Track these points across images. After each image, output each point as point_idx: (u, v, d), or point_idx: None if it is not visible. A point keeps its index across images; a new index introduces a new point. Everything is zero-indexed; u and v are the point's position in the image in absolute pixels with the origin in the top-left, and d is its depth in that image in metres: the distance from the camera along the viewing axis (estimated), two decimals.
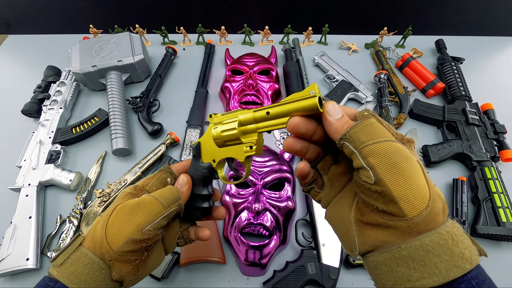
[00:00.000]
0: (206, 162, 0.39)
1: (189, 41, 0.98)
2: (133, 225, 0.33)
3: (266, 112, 0.31)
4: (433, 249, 0.23)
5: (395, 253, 0.24)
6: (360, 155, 0.25)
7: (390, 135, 0.26)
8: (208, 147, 0.38)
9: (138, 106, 0.78)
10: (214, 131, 0.37)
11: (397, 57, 0.91)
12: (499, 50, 0.98)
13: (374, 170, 0.24)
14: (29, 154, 0.69)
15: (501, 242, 0.61)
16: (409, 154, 0.25)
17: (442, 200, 0.25)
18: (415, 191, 0.23)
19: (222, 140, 0.37)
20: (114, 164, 0.72)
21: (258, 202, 0.55)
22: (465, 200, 0.63)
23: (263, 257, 0.53)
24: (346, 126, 0.27)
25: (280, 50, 0.93)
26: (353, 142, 0.26)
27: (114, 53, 0.80)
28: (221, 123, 0.37)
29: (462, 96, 0.78)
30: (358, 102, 0.83)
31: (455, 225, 0.24)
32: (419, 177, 0.24)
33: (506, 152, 0.69)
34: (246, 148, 0.34)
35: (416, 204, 0.23)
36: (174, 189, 0.37)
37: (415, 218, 0.23)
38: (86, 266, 0.32)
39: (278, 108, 0.30)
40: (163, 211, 0.34)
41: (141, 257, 0.34)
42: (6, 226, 0.59)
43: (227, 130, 0.36)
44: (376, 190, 0.24)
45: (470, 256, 0.22)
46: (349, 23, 1.16)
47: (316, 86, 0.28)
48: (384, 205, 0.24)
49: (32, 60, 0.94)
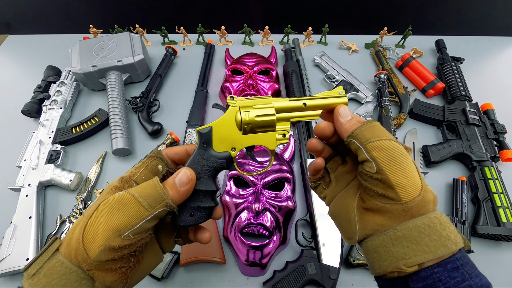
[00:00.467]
0: (221, 150, 0.34)
1: (189, 41, 0.98)
2: (110, 230, 0.27)
3: (303, 103, 0.34)
4: (424, 230, 0.26)
5: (392, 234, 0.28)
6: (365, 150, 0.30)
7: (391, 136, 0.31)
8: (226, 133, 0.34)
9: (138, 106, 0.78)
10: (245, 115, 0.33)
11: (397, 57, 0.91)
12: (499, 50, 0.98)
13: (376, 161, 0.29)
14: (29, 154, 0.69)
15: (501, 242, 0.61)
16: (406, 153, 0.30)
17: (433, 193, 0.29)
18: (410, 180, 0.28)
19: (255, 125, 0.34)
20: (114, 164, 0.72)
21: (258, 202, 0.55)
22: (465, 200, 0.63)
23: (263, 257, 0.53)
24: (355, 127, 0.31)
25: (280, 50, 0.93)
26: (359, 139, 0.30)
27: (114, 53, 0.80)
28: (252, 107, 0.34)
29: (462, 96, 0.78)
30: (358, 102, 0.83)
31: (443, 215, 0.28)
32: (414, 170, 0.29)
33: (506, 152, 0.69)
34: (279, 136, 0.34)
35: (410, 191, 0.27)
36: (158, 184, 0.30)
37: (409, 202, 0.27)
38: (62, 277, 0.27)
39: (314, 101, 0.35)
40: (144, 213, 0.28)
41: (128, 264, 0.29)
42: (6, 226, 0.59)
43: (264, 116, 0.33)
44: (377, 178, 0.28)
45: (455, 239, 0.26)
46: (349, 23, 1.16)
47: (342, 88, 0.35)
48: (383, 190, 0.28)
49: (32, 60, 0.94)
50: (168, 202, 0.29)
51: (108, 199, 0.29)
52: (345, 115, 0.33)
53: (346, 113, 0.33)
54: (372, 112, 0.78)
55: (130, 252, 0.29)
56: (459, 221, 0.59)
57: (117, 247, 0.27)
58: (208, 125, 0.34)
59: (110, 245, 0.27)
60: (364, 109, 0.79)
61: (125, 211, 0.28)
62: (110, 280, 0.28)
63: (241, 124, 0.33)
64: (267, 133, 0.34)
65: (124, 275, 0.29)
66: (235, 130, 0.34)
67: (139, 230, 0.28)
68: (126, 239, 0.28)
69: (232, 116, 0.34)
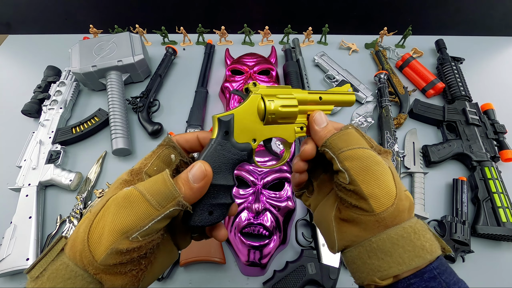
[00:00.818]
0: (242, 141, 0.31)
1: (189, 41, 0.98)
2: (116, 231, 0.24)
3: (319, 96, 0.35)
4: (397, 241, 0.26)
5: (367, 246, 0.27)
6: (338, 160, 0.29)
7: (365, 143, 0.31)
8: (247, 122, 0.31)
9: (138, 106, 0.78)
10: (269, 104, 0.31)
11: (397, 57, 0.91)
12: (499, 50, 0.98)
13: (349, 172, 0.28)
14: (29, 154, 0.69)
15: (501, 242, 0.61)
16: (381, 160, 0.29)
17: (409, 200, 0.29)
18: (383, 190, 0.27)
19: (279, 116, 0.32)
20: (114, 164, 0.72)
21: (258, 202, 0.55)
22: (465, 200, 0.63)
23: (263, 257, 0.53)
24: (329, 134, 0.31)
25: (280, 50, 0.93)
26: (332, 149, 0.30)
27: (114, 53, 0.80)
28: (275, 97, 0.32)
29: (462, 96, 0.78)
30: (358, 102, 0.83)
31: (419, 222, 0.28)
32: (387, 179, 0.28)
33: (506, 152, 0.69)
34: (297, 129, 0.34)
35: (383, 201, 0.27)
36: (168, 180, 0.26)
37: (382, 213, 0.27)
38: (67, 281, 0.24)
39: (328, 96, 0.35)
40: (153, 213, 0.25)
41: (139, 267, 0.26)
42: (6, 226, 0.59)
43: (288, 106, 0.32)
44: (350, 189, 0.28)
45: (430, 248, 0.26)
46: (349, 23, 1.16)
47: (350, 85, 0.37)
48: (356, 201, 0.28)
49: (32, 60, 0.94)
50: (180, 201, 0.26)
51: (115, 195, 0.26)
52: (320, 121, 0.33)
53: (322, 119, 0.33)
54: (372, 112, 0.78)
55: (140, 255, 0.26)
56: (459, 221, 0.59)
57: (124, 250, 0.24)
58: (230, 112, 0.30)
59: (117, 248, 0.24)
60: (364, 109, 0.79)
61: (132, 210, 0.25)
62: (120, 283, 0.25)
63: (264, 113, 0.31)
64: (287, 125, 0.33)
65: (135, 278, 0.26)
66: (257, 119, 0.31)
67: (149, 231, 0.25)
68: (134, 241, 0.24)
69: (254, 104, 0.31)
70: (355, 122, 0.76)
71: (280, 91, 0.33)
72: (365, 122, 0.76)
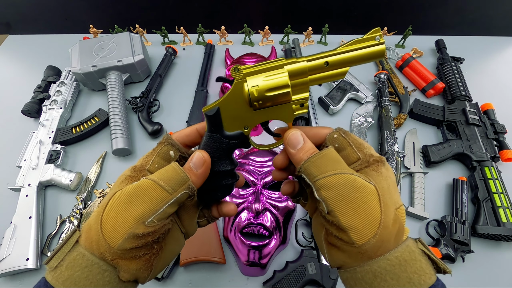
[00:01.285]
0: (233, 131, 0.30)
1: (189, 41, 0.98)
2: (132, 218, 0.27)
3: (324, 62, 0.28)
4: (380, 274, 0.25)
5: (353, 274, 0.27)
6: (314, 188, 0.27)
7: (343, 166, 0.28)
8: (235, 111, 0.30)
9: (138, 106, 0.78)
10: (253, 90, 0.29)
11: (397, 57, 0.91)
12: (499, 50, 0.98)
13: (326, 202, 0.26)
14: (29, 154, 0.69)
15: (501, 242, 0.61)
16: (361, 184, 0.26)
17: (398, 224, 0.27)
18: (363, 220, 0.25)
19: (267, 101, 0.29)
20: (114, 164, 0.72)
21: (258, 202, 0.55)
22: (465, 200, 0.63)
23: (263, 257, 0.53)
24: (305, 157, 0.28)
25: (280, 50, 0.93)
26: (308, 175, 0.28)
27: (114, 53, 0.80)
28: (261, 79, 0.29)
29: (462, 96, 0.78)
30: (358, 102, 0.83)
31: (409, 249, 0.26)
32: (370, 206, 0.26)
33: (506, 152, 0.69)
34: (296, 107, 0.30)
35: (364, 232, 0.25)
36: (178, 167, 0.29)
37: (364, 245, 0.25)
38: (84, 270, 0.27)
39: (339, 56, 0.28)
40: (167, 197, 0.28)
41: (151, 251, 0.29)
42: (6, 226, 0.59)
43: (276, 89, 0.28)
44: (329, 220, 0.27)
45: (418, 281, 0.24)
46: (349, 23, 1.16)
47: (379, 30, 0.28)
48: (337, 232, 0.27)
49: (32, 60, 0.94)
50: (190, 184, 0.29)
51: (123, 189, 0.29)
52: (294, 143, 0.30)
53: (297, 140, 0.30)
54: (372, 112, 0.78)
55: (154, 239, 0.28)
56: (459, 221, 0.59)
57: (141, 235, 0.27)
58: (214, 104, 0.30)
59: (134, 232, 0.26)
60: (364, 109, 0.79)
61: (146, 197, 0.28)
62: (135, 267, 0.28)
63: (249, 101, 0.29)
64: (282, 105, 0.30)
65: (148, 262, 0.29)
66: (245, 106, 0.30)
67: (162, 215, 0.28)
68: (150, 226, 0.27)
69: (240, 90, 0.29)
70: (355, 122, 0.76)
71: (267, 70, 0.29)
72: (365, 122, 0.76)
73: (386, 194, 0.27)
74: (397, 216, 0.27)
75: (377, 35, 0.28)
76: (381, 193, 0.27)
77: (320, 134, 0.31)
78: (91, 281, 0.26)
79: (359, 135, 0.73)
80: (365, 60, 0.29)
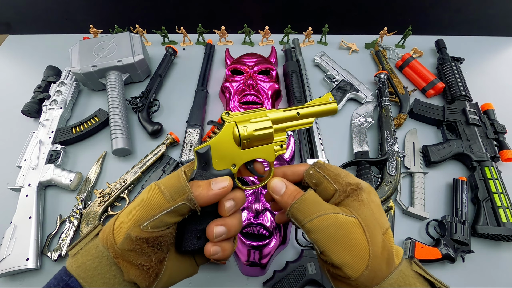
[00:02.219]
0: (221, 168, 0.33)
1: (189, 41, 0.98)
2: (132, 219, 0.28)
3: (296, 112, 0.35)
4: None
5: None
6: (304, 231, 0.29)
7: (323, 207, 0.29)
8: (225, 150, 0.33)
9: (138, 106, 0.78)
10: (243, 130, 0.33)
11: (397, 57, 0.91)
12: (499, 50, 0.98)
13: (317, 244, 0.28)
14: (29, 154, 0.69)
15: (501, 242, 0.61)
16: (343, 221, 0.28)
17: (387, 251, 0.28)
18: (353, 255, 0.27)
19: (254, 140, 0.33)
20: (114, 164, 0.72)
21: (258, 202, 0.55)
22: (465, 200, 0.63)
23: (263, 257, 0.53)
24: (290, 201, 0.30)
25: (280, 50, 0.93)
26: (296, 221, 0.30)
27: (114, 53, 0.80)
28: (249, 121, 0.34)
29: (462, 96, 0.78)
30: (358, 102, 0.83)
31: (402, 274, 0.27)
32: (356, 240, 0.27)
33: (506, 152, 0.69)
34: (277, 147, 0.35)
35: (356, 267, 0.26)
36: (181, 176, 0.29)
37: (359, 278, 0.26)
38: (94, 260, 0.28)
39: (307, 109, 0.36)
40: (164, 204, 0.28)
41: (149, 263, 0.28)
42: (6, 226, 0.59)
43: (262, 129, 0.34)
44: (324, 259, 0.28)
45: None
46: (349, 23, 1.16)
47: (331, 94, 0.37)
48: (333, 270, 0.28)
49: (32, 60, 0.94)
50: (189, 196, 0.28)
51: None
52: (278, 190, 0.32)
53: (279, 187, 0.32)
54: (372, 112, 0.78)
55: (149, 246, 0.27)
56: (459, 221, 0.59)
57: (134, 238, 0.27)
58: (206, 144, 0.33)
59: (129, 234, 0.27)
60: (364, 109, 0.79)
61: (147, 201, 0.28)
62: (133, 274, 0.28)
63: (239, 139, 0.33)
64: (265, 145, 0.34)
65: (147, 275, 0.28)
66: (234, 146, 0.33)
67: (158, 222, 0.27)
68: (144, 231, 0.27)
69: (230, 132, 0.33)
70: (355, 122, 0.76)
71: (253, 116, 0.34)
72: (365, 122, 0.76)
73: (370, 222, 0.28)
74: (385, 243, 0.28)
75: (329, 97, 0.37)
76: (365, 223, 0.28)
77: (299, 172, 0.34)
78: (99, 272, 0.27)
79: (359, 135, 0.73)
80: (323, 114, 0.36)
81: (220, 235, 0.30)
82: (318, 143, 0.68)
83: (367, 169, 0.65)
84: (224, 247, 0.31)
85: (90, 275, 0.27)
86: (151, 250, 0.28)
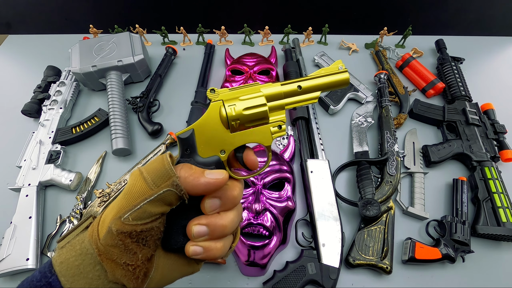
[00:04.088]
0: (208, 155, 0.28)
1: (189, 41, 0.98)
2: (114, 211, 0.24)
3: (297, 86, 0.30)
4: None
5: None
6: None
7: None
8: (211, 134, 0.29)
9: (138, 106, 0.78)
10: (231, 110, 0.28)
11: (397, 57, 0.91)
12: (499, 50, 0.98)
13: None
14: (29, 154, 0.69)
15: (501, 242, 0.61)
16: None
17: None
18: None
19: (245, 120, 0.29)
20: (114, 164, 0.72)
21: (258, 202, 0.55)
22: (465, 200, 0.63)
23: (263, 257, 0.53)
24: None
25: (280, 50, 0.93)
26: None
27: (114, 53, 0.80)
28: (238, 99, 0.29)
29: (462, 96, 0.78)
30: (358, 102, 0.83)
31: None
32: None
33: (506, 152, 0.69)
34: (274, 129, 0.30)
35: None
36: (166, 159, 0.25)
37: None
38: (78, 257, 0.24)
39: (310, 81, 0.30)
40: (147, 192, 0.24)
41: (135, 262, 0.24)
42: (6, 226, 0.59)
43: (253, 107, 0.28)
44: None
45: None
46: (349, 23, 1.16)
47: (341, 61, 0.31)
48: None
49: (32, 60, 0.94)
50: (175, 181, 0.24)
51: None
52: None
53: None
54: (372, 112, 0.78)
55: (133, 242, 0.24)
56: (459, 221, 0.59)
57: (115, 232, 0.23)
58: (189, 128, 0.29)
59: (110, 227, 0.23)
60: (364, 109, 0.79)
61: (129, 188, 0.24)
62: (119, 274, 0.24)
63: (227, 121, 0.28)
64: (259, 127, 0.30)
65: (133, 275, 0.25)
66: (222, 129, 0.29)
67: (140, 213, 0.23)
68: (126, 224, 0.23)
69: (216, 112, 0.29)
70: (355, 122, 0.76)
71: (244, 91, 0.29)
72: (365, 122, 0.76)
73: None
74: None
75: (339, 65, 0.31)
76: None
77: None
78: (81, 271, 0.24)
79: (359, 135, 0.73)
80: (332, 87, 0.31)
81: (199, 235, 0.26)
82: (318, 143, 0.68)
83: (367, 169, 0.65)
84: (208, 247, 0.27)
85: (71, 273, 0.24)
86: (136, 246, 0.24)
